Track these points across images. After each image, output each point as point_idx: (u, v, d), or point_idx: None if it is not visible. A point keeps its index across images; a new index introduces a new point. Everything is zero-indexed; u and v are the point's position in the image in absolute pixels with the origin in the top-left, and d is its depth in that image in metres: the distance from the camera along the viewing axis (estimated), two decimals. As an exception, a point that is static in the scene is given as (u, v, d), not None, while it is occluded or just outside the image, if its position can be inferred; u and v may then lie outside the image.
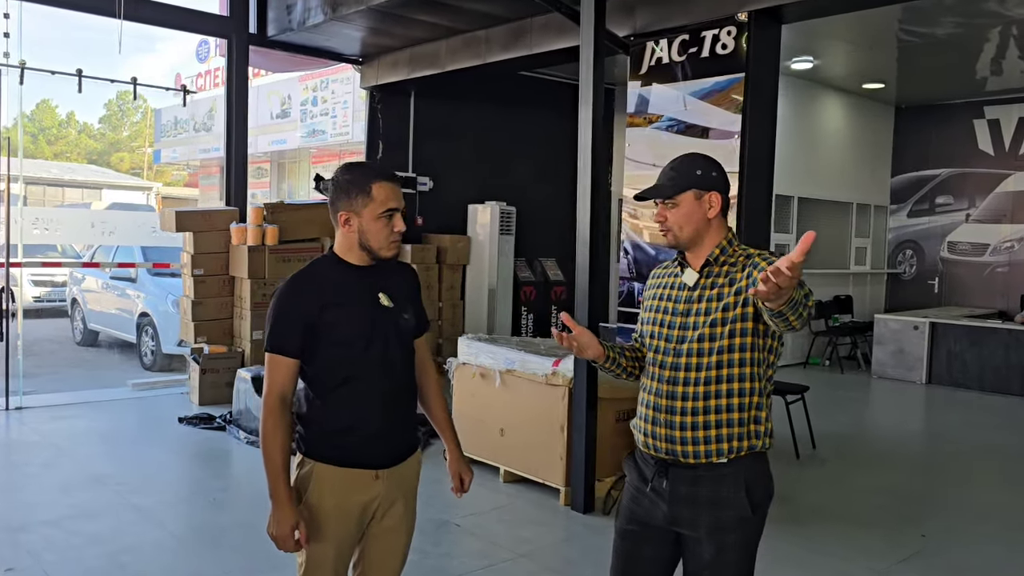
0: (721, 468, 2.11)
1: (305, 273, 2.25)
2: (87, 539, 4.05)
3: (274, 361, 2.17)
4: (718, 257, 2.17)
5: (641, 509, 2.23)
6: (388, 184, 2.18)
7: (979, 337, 8.89)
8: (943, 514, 4.81)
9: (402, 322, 2.29)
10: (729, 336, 2.10)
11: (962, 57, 8.53)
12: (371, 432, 2.22)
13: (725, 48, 5.57)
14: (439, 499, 4.76)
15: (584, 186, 4.65)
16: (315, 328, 2.15)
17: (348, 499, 2.20)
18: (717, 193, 2.18)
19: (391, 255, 2.23)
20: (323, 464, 2.19)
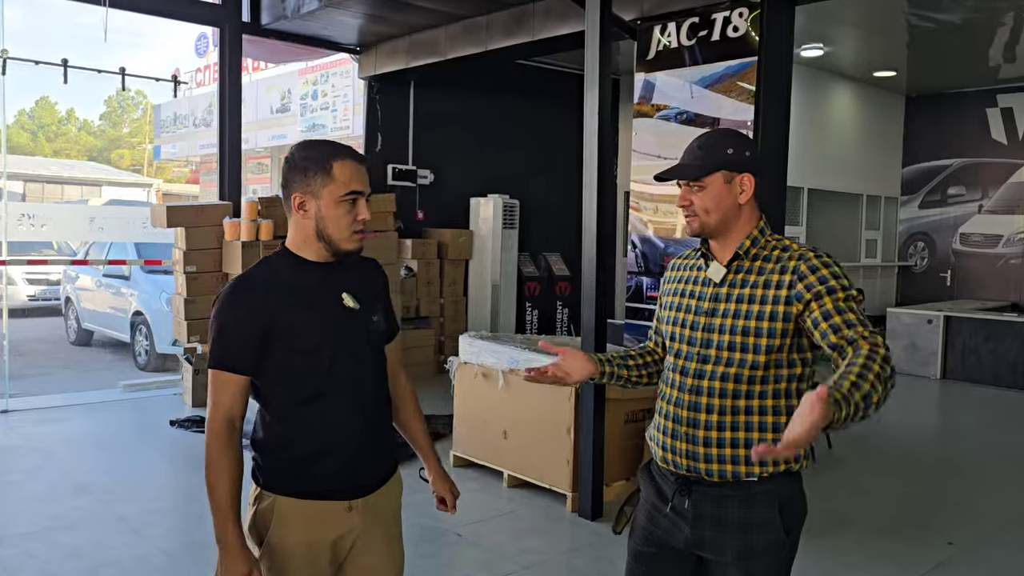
0: (752, 486, 1.86)
1: (253, 273, 1.93)
2: (66, 553, 3.83)
3: (220, 379, 1.84)
4: (749, 249, 1.92)
5: (659, 530, 1.98)
6: (352, 163, 1.87)
7: (995, 331, 8.64)
8: (969, 520, 4.58)
9: (372, 326, 2.00)
10: (767, 351, 1.84)
11: (974, 44, 8.29)
12: (342, 458, 1.90)
13: (736, 31, 5.33)
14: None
15: (590, 175, 4.41)
16: (269, 338, 1.84)
17: (317, 536, 1.89)
18: (750, 176, 1.91)
19: (353, 248, 1.91)
20: (285, 498, 1.88)
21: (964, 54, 8.73)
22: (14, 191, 24.94)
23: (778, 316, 1.83)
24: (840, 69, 9.73)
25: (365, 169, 1.90)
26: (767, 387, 1.86)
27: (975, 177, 10.67)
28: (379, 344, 2.03)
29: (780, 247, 1.92)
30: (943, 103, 10.79)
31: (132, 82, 38.31)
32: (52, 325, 12.06)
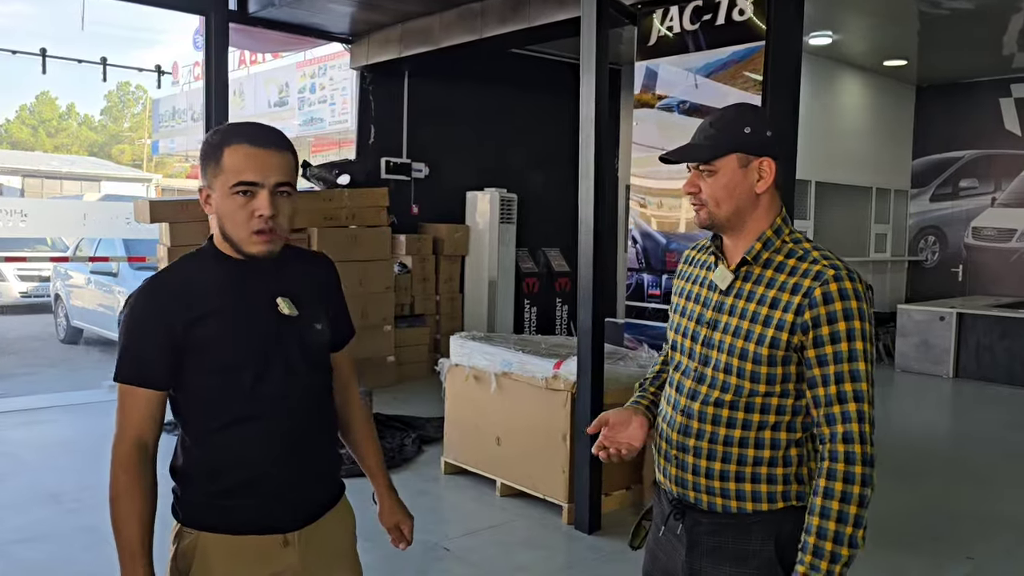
0: (747, 518, 1.64)
1: (167, 273, 1.67)
2: (28, 569, 3.60)
3: (127, 395, 1.58)
4: (759, 254, 1.64)
5: (663, 553, 1.78)
6: (245, 147, 1.56)
7: (1010, 328, 8.36)
8: (990, 532, 4.31)
9: (313, 335, 1.70)
10: (766, 380, 1.60)
11: (988, 32, 8.02)
12: (270, 487, 1.64)
13: (743, 14, 5.05)
14: (426, 517, 4.29)
15: (587, 166, 4.15)
16: (183, 350, 1.58)
17: (250, 574, 1.63)
18: (771, 160, 1.63)
19: (257, 252, 1.59)
20: (209, 533, 1.62)
21: (977, 42, 8.45)
22: (13, 186, 24.78)
23: (779, 343, 1.58)
24: (849, 58, 9.46)
25: (278, 153, 1.58)
26: (766, 417, 1.62)
27: (988, 169, 10.37)
28: (321, 356, 1.74)
29: (798, 252, 1.63)
30: (955, 93, 10.50)
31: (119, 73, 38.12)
32: (44, 322, 11.83)
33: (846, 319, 1.54)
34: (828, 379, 1.55)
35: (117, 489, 1.57)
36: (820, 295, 1.55)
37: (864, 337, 1.55)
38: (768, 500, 1.63)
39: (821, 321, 1.55)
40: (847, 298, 1.55)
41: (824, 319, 1.54)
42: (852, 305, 1.55)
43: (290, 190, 1.61)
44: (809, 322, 1.56)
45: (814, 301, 1.55)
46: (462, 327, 8.17)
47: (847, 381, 1.54)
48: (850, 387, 1.54)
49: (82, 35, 47.93)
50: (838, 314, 1.54)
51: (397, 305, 7.70)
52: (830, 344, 1.54)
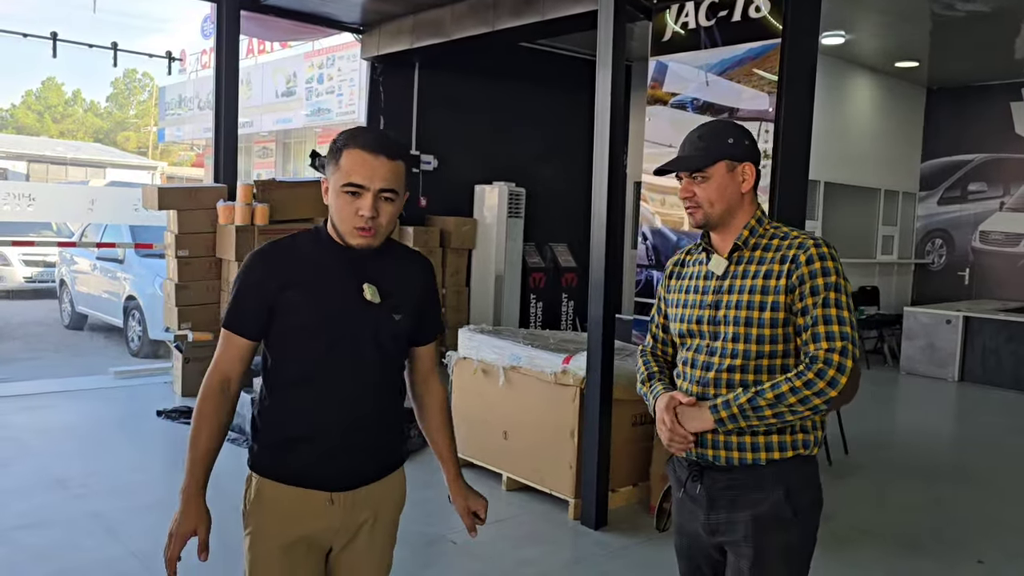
0: (760, 469, 1.89)
1: (278, 243, 1.89)
2: (32, 554, 3.58)
3: (226, 338, 1.84)
4: (748, 239, 1.94)
5: (685, 519, 2.02)
6: (362, 153, 1.76)
7: (1016, 332, 8.33)
8: (999, 535, 4.29)
9: (389, 323, 1.86)
10: (771, 341, 1.87)
11: (1000, 34, 7.97)
12: (320, 448, 1.83)
13: (759, 11, 5.02)
14: (431, 510, 4.28)
15: (601, 160, 4.13)
16: (273, 309, 1.81)
17: (295, 524, 1.83)
18: (751, 164, 1.94)
19: (356, 244, 1.80)
20: (267, 480, 1.85)
21: (989, 45, 8.41)
22: (18, 171, 24.76)
23: (779, 306, 1.85)
24: (860, 59, 9.41)
25: (388, 161, 1.77)
26: (775, 376, 1.86)
27: (997, 173, 10.33)
28: (394, 344, 1.90)
29: (779, 235, 1.93)
30: (965, 96, 10.45)
31: (129, 59, 38.04)
32: (49, 307, 11.83)
33: (824, 275, 1.83)
34: (816, 308, 1.82)
35: (199, 412, 1.82)
36: (804, 259, 1.85)
37: (841, 290, 1.84)
38: (779, 448, 1.87)
39: (805, 278, 1.84)
40: (825, 259, 1.85)
41: (807, 275, 1.83)
42: (829, 264, 1.84)
43: (394, 196, 1.79)
44: (796, 280, 1.84)
45: (798, 263, 1.85)
46: (468, 321, 8.15)
47: (832, 307, 1.82)
48: (834, 312, 1.81)
49: (87, 22, 47.91)
50: (818, 271, 1.83)
51: (403, 297, 7.68)
52: (813, 294, 1.82)
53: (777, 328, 1.85)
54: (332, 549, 1.90)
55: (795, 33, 4.89)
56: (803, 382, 1.77)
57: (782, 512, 1.86)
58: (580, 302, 8.91)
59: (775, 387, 1.80)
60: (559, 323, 9.02)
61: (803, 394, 1.77)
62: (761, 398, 1.79)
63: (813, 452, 1.91)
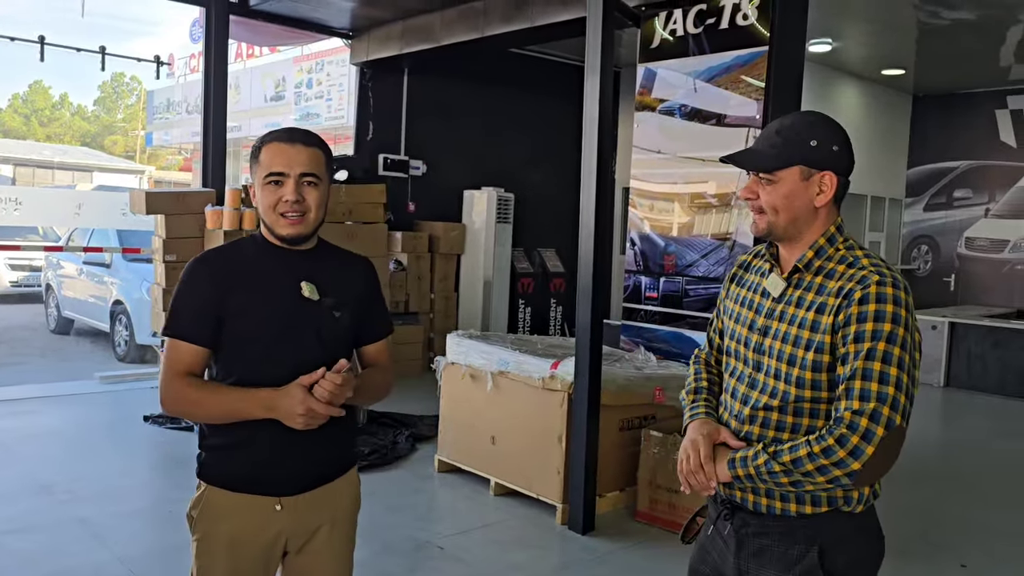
0: (791, 521, 1.66)
1: (219, 249, 1.96)
2: (19, 560, 3.56)
3: (172, 347, 1.83)
4: (811, 262, 1.65)
5: (715, 554, 1.80)
6: (278, 144, 1.83)
7: (1002, 338, 8.40)
8: (983, 539, 4.33)
9: (331, 321, 1.88)
10: (812, 386, 1.61)
11: (986, 43, 8.04)
12: (269, 451, 1.83)
13: (746, 19, 5.06)
14: (419, 515, 4.29)
15: (589, 164, 4.14)
16: (220, 316, 1.82)
17: (242, 530, 1.83)
18: (833, 175, 1.65)
19: (286, 233, 1.84)
20: (215, 488, 1.86)
21: (975, 53, 8.48)
22: (4, 175, 24.60)
23: (824, 348, 1.59)
24: (847, 66, 9.48)
25: (305, 148, 1.83)
26: (815, 422, 1.62)
27: (982, 180, 10.41)
28: (335, 340, 1.89)
29: (849, 259, 1.63)
30: (951, 103, 10.54)
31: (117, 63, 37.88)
32: (35, 312, 11.75)
33: (877, 320, 1.53)
34: (856, 359, 1.53)
35: (184, 401, 1.81)
36: (858, 296, 1.55)
37: (895, 341, 1.52)
38: (812, 503, 1.64)
39: (852, 319, 1.55)
40: (884, 301, 1.54)
41: (855, 317, 1.55)
42: (888, 309, 1.54)
43: (316, 180, 1.84)
44: (842, 321, 1.56)
45: (851, 300, 1.56)
46: (456, 326, 8.15)
47: (877, 360, 1.51)
48: (878, 367, 1.51)
49: (77, 25, 47.66)
50: (869, 315, 1.54)
51: (392, 302, 7.68)
52: (857, 341, 1.54)
53: (820, 373, 1.59)
54: (287, 553, 1.90)
55: (782, 40, 4.93)
56: (821, 448, 1.52)
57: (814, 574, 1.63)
58: (568, 307, 8.93)
59: (793, 450, 1.55)
60: (547, 328, 9.04)
61: (820, 462, 1.51)
62: (777, 462, 1.56)
63: (857, 509, 1.66)
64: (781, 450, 1.57)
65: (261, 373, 1.80)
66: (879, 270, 1.58)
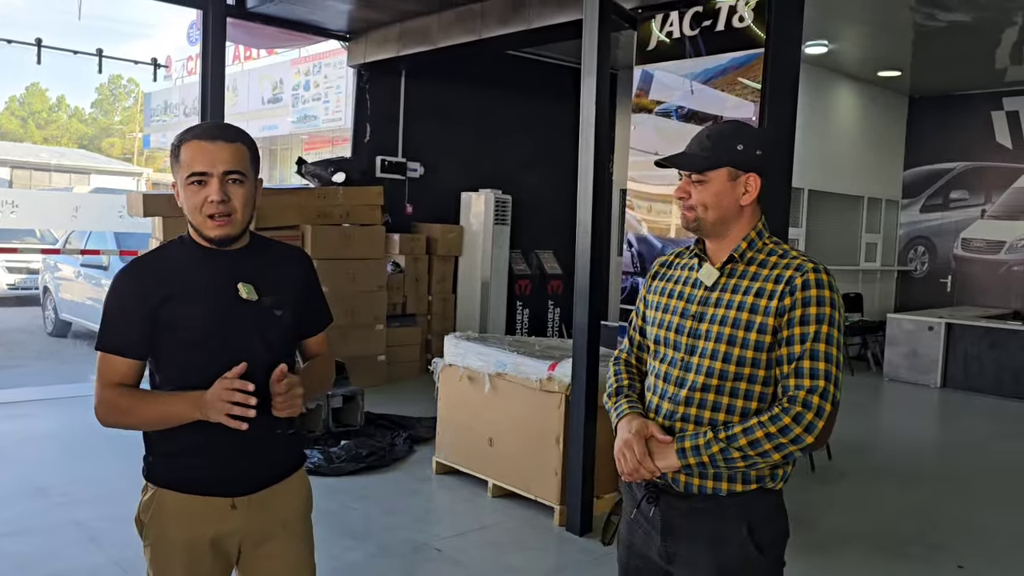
0: (720, 501, 1.76)
1: (147, 257, 1.89)
2: (13, 563, 3.56)
3: (104, 361, 1.79)
4: (744, 252, 1.80)
5: (638, 540, 1.88)
6: (199, 142, 1.74)
7: (998, 339, 8.41)
8: (979, 540, 4.33)
9: (272, 320, 1.84)
10: (752, 364, 1.74)
11: (981, 45, 8.07)
12: (217, 455, 1.80)
13: (742, 21, 5.07)
14: (417, 517, 4.29)
15: (587, 168, 4.15)
16: (155, 325, 1.77)
17: (195, 532, 1.81)
18: (756, 176, 1.79)
19: (214, 235, 1.76)
20: (165, 490, 1.83)
21: (970, 55, 8.51)
22: (1, 177, 24.56)
23: (767, 328, 1.73)
24: (844, 68, 9.50)
25: (227, 144, 1.74)
26: (750, 403, 1.74)
27: (978, 181, 10.44)
28: (280, 341, 1.87)
29: (778, 252, 1.80)
30: (947, 105, 10.57)
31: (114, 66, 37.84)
32: (32, 315, 11.73)
33: (819, 304, 1.70)
34: (806, 339, 1.69)
35: (116, 411, 1.77)
36: (800, 282, 1.71)
37: (834, 324, 1.70)
38: (742, 481, 1.75)
39: (798, 304, 1.71)
40: (823, 287, 1.71)
41: (800, 302, 1.70)
42: (826, 294, 1.71)
43: (242, 178, 1.75)
44: (787, 305, 1.71)
45: (793, 287, 1.72)
46: (454, 328, 8.16)
47: (822, 342, 1.69)
48: (823, 348, 1.68)
49: (73, 28, 47.62)
50: (812, 299, 1.70)
51: (389, 304, 7.68)
52: (803, 324, 1.69)
53: (761, 352, 1.72)
54: (244, 555, 1.88)
55: (778, 42, 4.94)
56: (778, 428, 1.65)
57: (748, 553, 1.74)
58: (566, 309, 8.93)
59: (748, 432, 1.66)
60: (545, 330, 9.05)
61: (778, 441, 1.65)
62: (734, 448, 1.66)
63: (779, 486, 1.79)
64: (735, 435, 1.68)
65: (206, 381, 1.72)
66: (809, 260, 1.76)
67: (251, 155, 1.79)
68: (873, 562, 3.99)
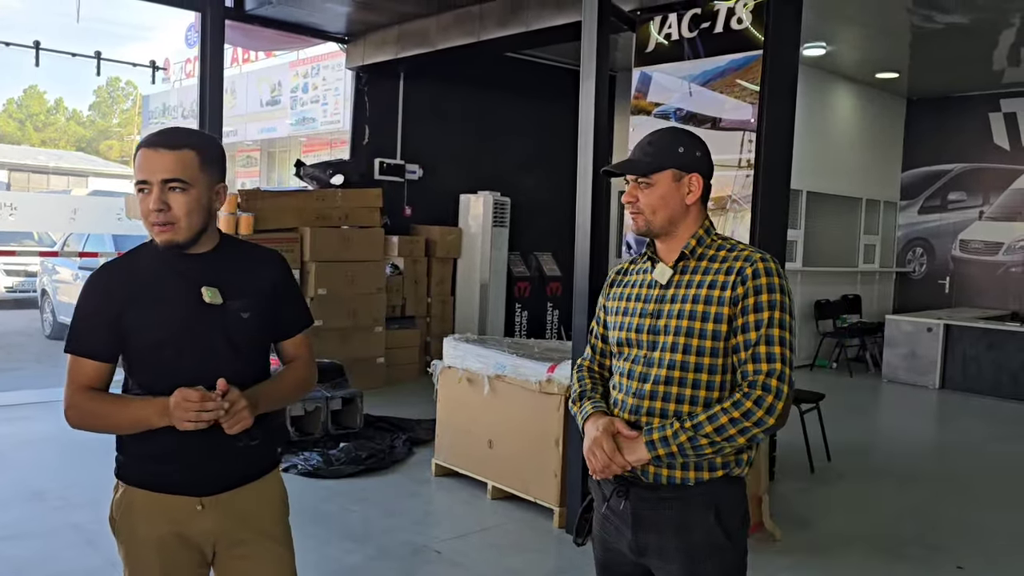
0: (688, 490, 1.82)
1: (114, 262, 1.92)
2: (11, 566, 3.55)
3: (73, 364, 1.82)
4: (694, 249, 1.89)
5: (610, 536, 1.93)
6: (145, 150, 1.76)
7: (997, 340, 8.42)
8: (978, 541, 4.33)
9: (238, 322, 1.84)
10: (711, 354, 1.81)
11: (979, 46, 8.08)
12: (186, 455, 1.82)
13: (741, 23, 5.08)
14: (416, 519, 4.28)
15: (586, 170, 4.15)
16: (122, 330, 1.80)
17: (165, 530, 1.83)
18: (699, 176, 1.89)
19: (161, 241, 1.78)
20: (136, 489, 1.85)
21: (968, 57, 8.52)
22: (-1, 180, 24.52)
23: (723, 318, 1.80)
24: (841, 70, 9.52)
25: (169, 152, 1.75)
26: (711, 394, 1.81)
27: (976, 183, 10.46)
28: (249, 344, 1.88)
29: (727, 247, 1.89)
30: (945, 106, 10.58)
31: (112, 68, 37.80)
32: (30, 317, 11.71)
33: (770, 291, 1.79)
34: (760, 325, 1.77)
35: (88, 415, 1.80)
36: (750, 272, 1.80)
37: (785, 309, 1.80)
38: (709, 469, 1.81)
39: (750, 292, 1.79)
40: (771, 275, 1.81)
41: (752, 290, 1.79)
42: (776, 281, 1.80)
43: (182, 185, 1.75)
44: (740, 294, 1.80)
45: (744, 277, 1.80)
46: (453, 330, 8.15)
47: (776, 327, 1.77)
48: (776, 333, 1.77)
49: (71, 30, 47.60)
50: (763, 287, 1.79)
51: (388, 306, 7.68)
52: (756, 311, 1.78)
53: (719, 341, 1.80)
54: (216, 554, 1.89)
55: (777, 44, 4.94)
56: (741, 412, 1.72)
57: (715, 538, 1.81)
58: (565, 311, 8.93)
59: (713, 419, 1.73)
60: (544, 332, 9.04)
61: (742, 425, 1.72)
62: (701, 436, 1.73)
63: (744, 472, 1.86)
64: (700, 423, 1.74)
65: (173, 384, 1.74)
66: (757, 251, 1.85)
67: (202, 160, 1.78)
68: (872, 563, 3.99)
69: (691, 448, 1.74)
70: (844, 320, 9.79)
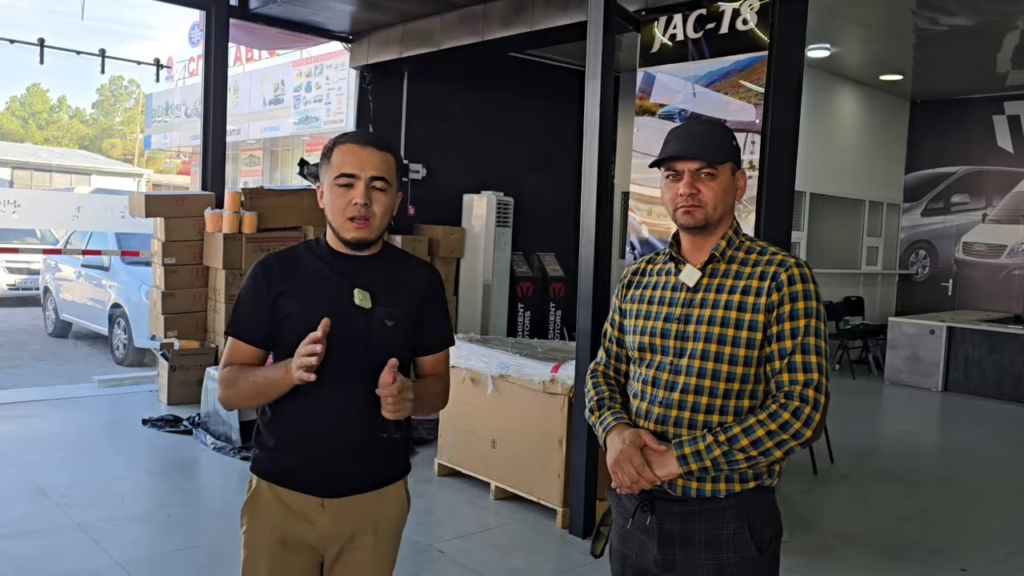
0: (718, 502, 1.72)
1: (278, 253, 1.95)
2: (15, 564, 3.54)
3: (231, 343, 1.90)
4: (725, 251, 1.78)
5: (632, 552, 1.81)
6: (351, 145, 1.82)
7: (1000, 343, 8.41)
8: (982, 544, 4.33)
9: (382, 329, 1.80)
10: (744, 363, 1.71)
11: (983, 49, 8.08)
12: (313, 453, 1.84)
13: (746, 24, 5.07)
14: (420, 519, 4.27)
15: (590, 171, 4.15)
16: (275, 318, 1.86)
17: (286, 525, 1.85)
18: (743, 173, 1.83)
19: (351, 237, 1.82)
20: (263, 481, 1.89)
21: (972, 59, 8.52)
22: (2, 178, 24.56)
23: (757, 326, 1.71)
24: (846, 71, 9.51)
25: (377, 151, 1.82)
26: (742, 402, 1.72)
27: (979, 185, 10.45)
28: (387, 350, 1.78)
29: (756, 248, 1.80)
30: (949, 109, 10.57)
31: (116, 66, 37.81)
32: (32, 315, 11.73)
33: (806, 299, 1.70)
34: (797, 333, 1.69)
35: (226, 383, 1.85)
36: (785, 278, 1.71)
37: (820, 317, 1.72)
38: (740, 480, 1.71)
39: (785, 299, 1.70)
40: (807, 281, 1.72)
41: (788, 297, 1.70)
42: (811, 288, 1.72)
43: (385, 186, 1.82)
44: (775, 301, 1.71)
45: (780, 283, 1.71)
46: (456, 329, 8.15)
47: (812, 336, 1.69)
48: (813, 342, 1.68)
49: (76, 28, 47.67)
50: (799, 294, 1.70)
51: (390, 306, 7.66)
52: (792, 319, 1.69)
53: (752, 350, 1.70)
54: (325, 559, 1.89)
55: (781, 46, 4.94)
56: (779, 424, 1.63)
57: (747, 553, 1.70)
58: (568, 311, 8.93)
59: (748, 432, 1.64)
60: (547, 332, 9.04)
61: (780, 437, 1.63)
62: (736, 450, 1.63)
63: (775, 482, 1.77)
64: (735, 435, 1.65)
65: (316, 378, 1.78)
66: (789, 255, 1.76)
67: (397, 166, 1.86)
68: (876, 565, 3.98)
69: (726, 462, 1.65)
70: (847, 322, 9.78)
